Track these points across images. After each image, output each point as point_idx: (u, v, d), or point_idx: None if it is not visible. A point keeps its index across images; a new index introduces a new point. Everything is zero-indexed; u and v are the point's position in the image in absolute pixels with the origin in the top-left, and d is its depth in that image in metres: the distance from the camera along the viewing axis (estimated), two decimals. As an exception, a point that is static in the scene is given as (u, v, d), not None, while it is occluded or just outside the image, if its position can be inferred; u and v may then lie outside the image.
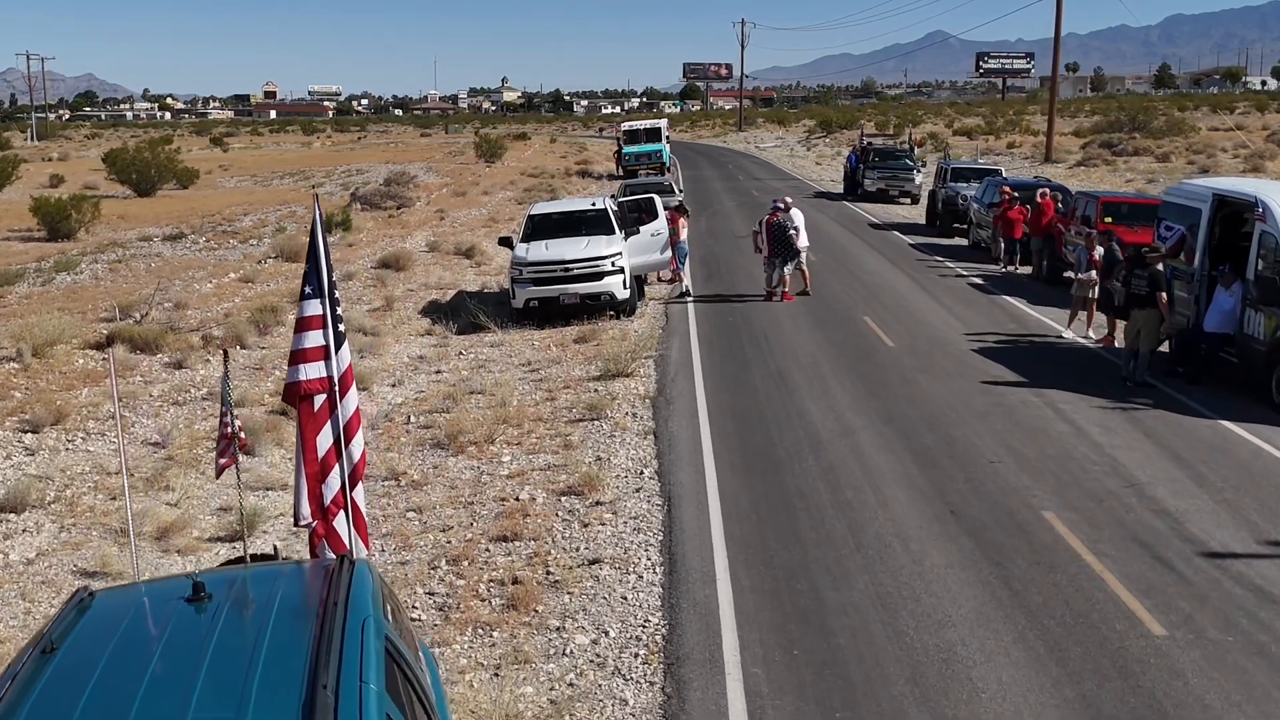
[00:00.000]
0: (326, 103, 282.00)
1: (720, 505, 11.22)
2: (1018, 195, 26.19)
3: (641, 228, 22.56)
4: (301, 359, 6.69)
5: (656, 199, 24.23)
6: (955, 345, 18.16)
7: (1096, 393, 15.04)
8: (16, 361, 16.70)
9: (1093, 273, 18.61)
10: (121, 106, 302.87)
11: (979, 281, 24.61)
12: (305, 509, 6.73)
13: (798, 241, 22.41)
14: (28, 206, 34.95)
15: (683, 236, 23.89)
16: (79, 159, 77.71)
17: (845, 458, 12.59)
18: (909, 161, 44.05)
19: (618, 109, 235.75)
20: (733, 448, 13.14)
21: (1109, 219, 22.05)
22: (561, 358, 18.22)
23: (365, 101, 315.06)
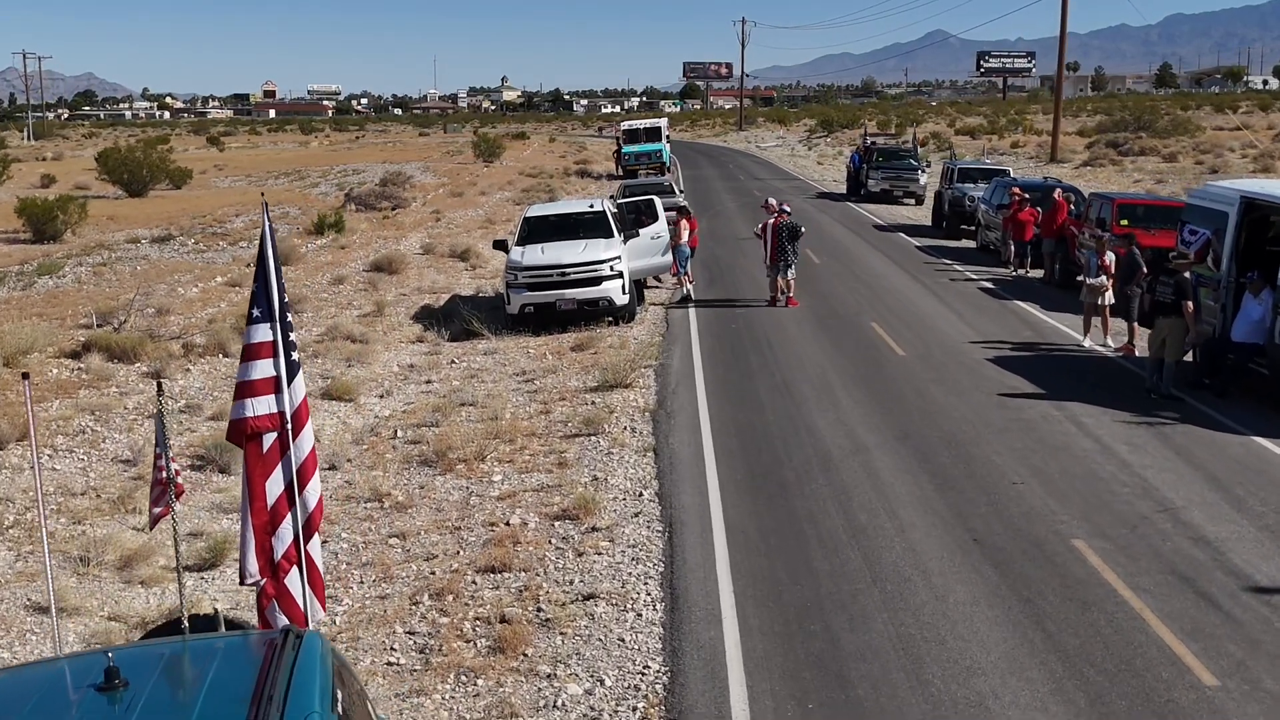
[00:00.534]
0: (326, 102, 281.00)
1: (725, 532, 10.45)
2: (1028, 196, 25.49)
3: (641, 230, 21.81)
4: (249, 392, 5.79)
5: (657, 200, 23.47)
6: (968, 354, 17.39)
7: (1120, 406, 14.27)
8: (-14, 372, 15.93)
9: (1103, 278, 17.85)
10: (121, 106, 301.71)
11: (989, 286, 23.85)
12: (252, 565, 5.85)
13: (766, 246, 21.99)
14: (13, 207, 34.16)
15: (683, 239, 23.09)
16: (73, 159, 76.86)
17: (858, 478, 11.81)
18: (913, 162, 43.21)
19: (618, 108, 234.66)
20: (737, 466, 12.38)
21: (1125, 221, 21.32)
22: (558, 367, 17.45)
23: (365, 101, 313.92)
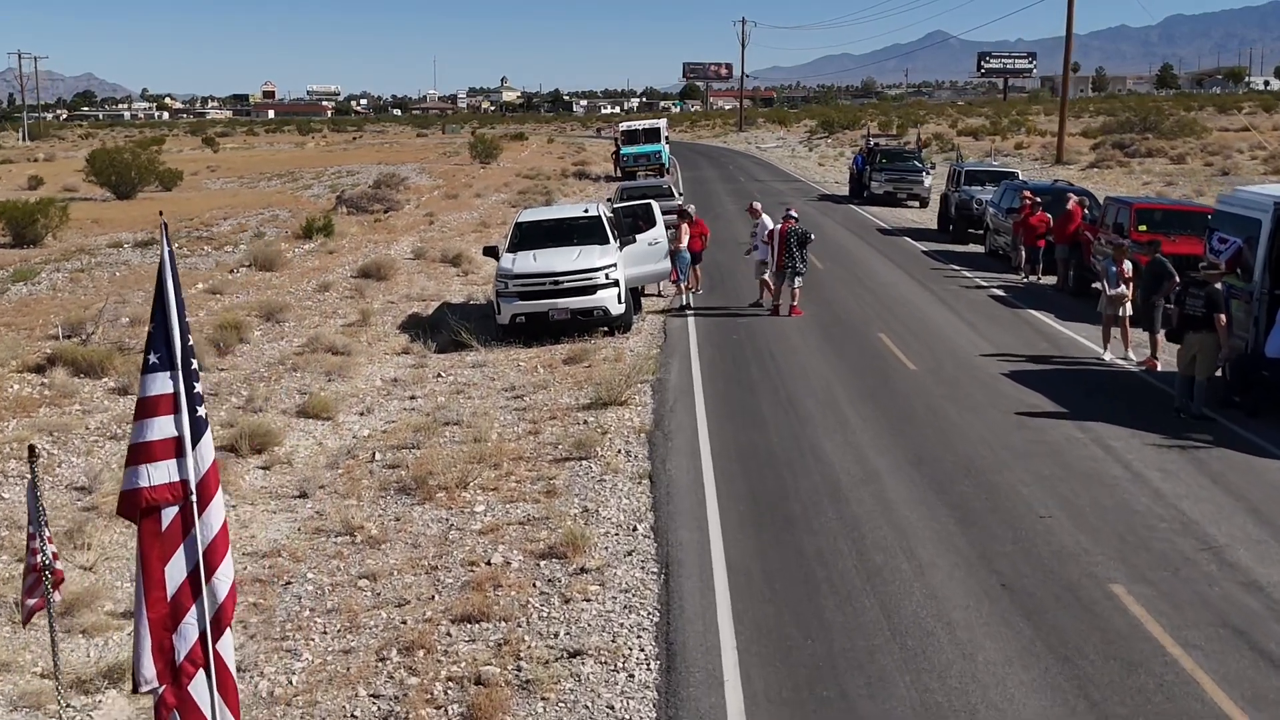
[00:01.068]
0: (325, 102, 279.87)
1: (727, 574, 9.50)
2: (1040, 201, 24.59)
3: (638, 235, 20.87)
4: (143, 457, 4.73)
5: (654, 205, 22.52)
6: (983, 368, 16.45)
7: (1148, 427, 13.33)
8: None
9: (1123, 288, 16.93)
10: (120, 106, 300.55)
11: (1000, 293, 22.91)
12: (148, 669, 4.79)
13: (756, 251, 21.63)
14: (-6, 210, 33.22)
15: (683, 244, 22.13)
16: (65, 160, 75.79)
17: (870, 510, 10.87)
18: (917, 163, 42.20)
19: (617, 109, 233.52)
20: (740, 495, 11.45)
21: (1144, 227, 20.39)
22: (549, 381, 16.52)
23: (364, 101, 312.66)
